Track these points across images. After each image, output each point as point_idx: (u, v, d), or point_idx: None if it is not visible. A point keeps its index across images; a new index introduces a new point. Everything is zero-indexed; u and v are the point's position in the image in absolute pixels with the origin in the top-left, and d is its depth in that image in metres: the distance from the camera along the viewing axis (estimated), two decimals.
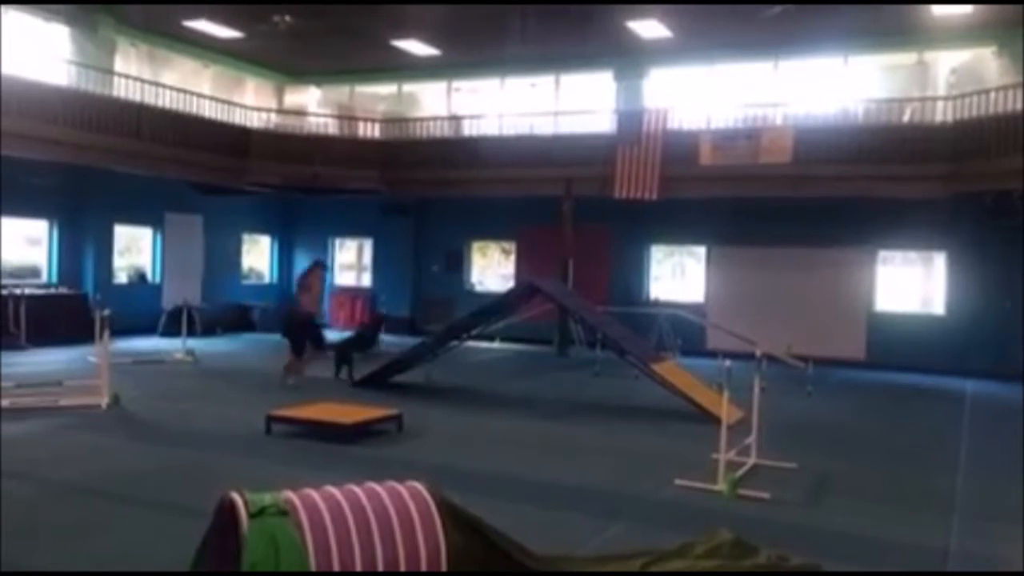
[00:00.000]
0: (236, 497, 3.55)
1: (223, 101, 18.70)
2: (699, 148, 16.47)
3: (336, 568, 3.45)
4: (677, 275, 20.56)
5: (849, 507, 6.54)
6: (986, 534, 5.87)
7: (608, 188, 16.89)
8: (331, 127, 20.23)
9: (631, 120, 17.21)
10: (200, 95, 18.15)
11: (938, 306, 17.02)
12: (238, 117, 18.90)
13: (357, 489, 3.81)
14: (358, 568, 3.49)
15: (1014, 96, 14.16)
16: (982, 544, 5.61)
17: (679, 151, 16.52)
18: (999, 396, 13.39)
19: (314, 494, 3.71)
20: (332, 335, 16.98)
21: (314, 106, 21.57)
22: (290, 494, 3.66)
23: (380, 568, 3.55)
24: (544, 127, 18.69)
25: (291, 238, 22.56)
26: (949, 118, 15.17)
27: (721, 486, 6.64)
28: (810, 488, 7.00)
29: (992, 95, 14.54)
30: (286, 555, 3.37)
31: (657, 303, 18.12)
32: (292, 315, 12.17)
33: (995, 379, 14.75)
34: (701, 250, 18.93)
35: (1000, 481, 7.55)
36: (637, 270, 19.15)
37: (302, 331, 11.78)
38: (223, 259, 20.43)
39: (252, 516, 3.45)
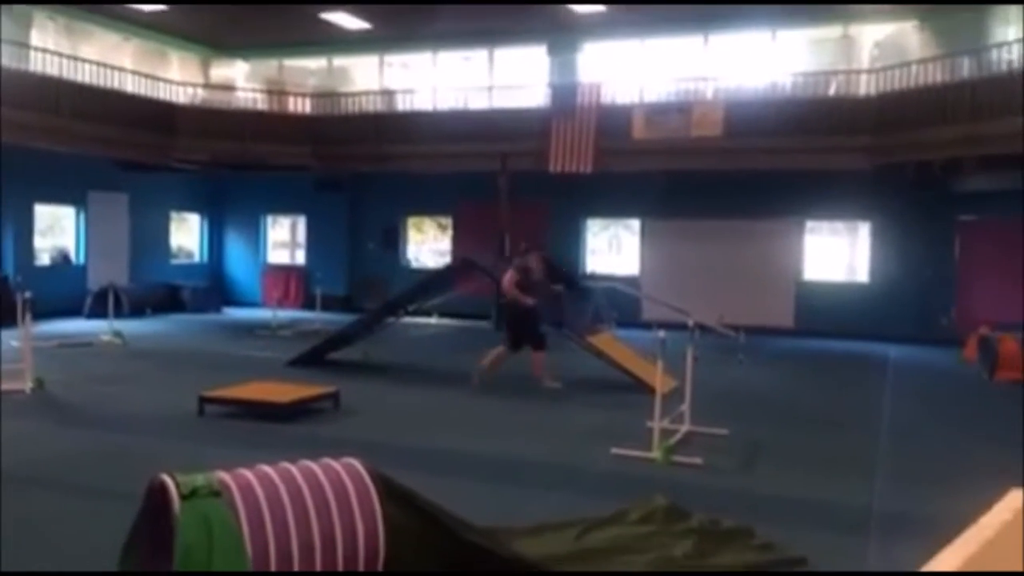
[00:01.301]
0: (167, 479, 3.48)
1: (146, 76, 18.13)
2: (632, 122, 16.59)
3: (272, 547, 3.42)
4: (613, 248, 20.77)
5: (778, 471, 6.74)
6: (905, 494, 6.11)
7: (543, 162, 16.92)
8: (260, 102, 19.81)
9: (565, 94, 17.23)
10: (122, 69, 17.56)
11: (863, 274, 17.56)
12: (162, 92, 18.37)
13: (292, 467, 3.77)
14: (294, 546, 3.47)
15: (934, 69, 14.59)
16: (901, 503, 5.84)
17: (613, 125, 16.61)
18: (920, 360, 13.91)
19: (248, 474, 3.66)
20: (267, 314, 16.75)
21: (242, 81, 21.05)
22: (223, 474, 3.61)
23: (317, 545, 3.53)
24: (478, 102, 18.60)
25: (221, 216, 22.07)
26: (873, 91, 15.57)
27: (656, 454, 6.76)
28: (741, 453, 7.18)
29: (913, 68, 14.96)
30: (220, 536, 3.32)
31: (593, 276, 18.28)
32: (514, 305, 10.42)
33: (916, 344, 15.31)
34: (636, 223, 19.14)
35: (919, 443, 7.87)
36: (573, 244, 19.27)
37: (524, 325, 10.37)
38: (150, 238, 19.91)
39: (184, 498, 3.38)
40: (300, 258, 21.83)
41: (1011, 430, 8.52)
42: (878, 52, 16.69)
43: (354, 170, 19.60)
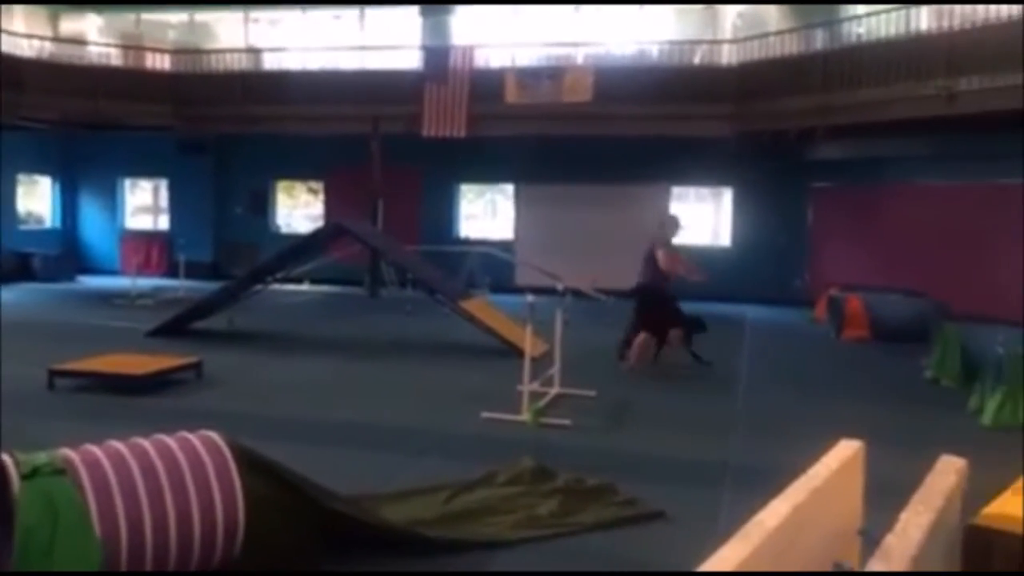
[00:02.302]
0: (6, 459, 3.30)
1: None
2: (505, 86, 16.61)
3: (123, 523, 3.30)
4: (489, 213, 20.85)
5: (642, 430, 6.99)
6: (757, 448, 6.44)
7: (416, 125, 16.74)
8: (115, 58, 18.71)
9: (438, 56, 17.04)
10: None
11: (725, 238, 18.29)
12: (5, 45, 17.07)
13: (144, 442, 3.64)
14: (147, 521, 3.35)
15: (791, 40, 15.23)
16: (755, 457, 6.15)
17: (486, 89, 16.58)
18: (775, 321, 14.66)
19: (95, 450, 3.51)
20: (126, 282, 15.98)
21: (95, 35, 19.82)
22: (68, 452, 3.45)
23: (172, 519, 3.43)
24: (350, 63, 18.17)
25: (75, 180, 20.83)
26: (735, 60, 16.12)
27: (525, 416, 6.88)
28: (608, 414, 7.40)
29: (771, 39, 15.56)
30: (65, 515, 3.18)
31: (467, 241, 18.31)
32: (659, 289, 9.54)
33: (772, 305, 16.12)
34: (510, 188, 19.24)
35: (771, 399, 8.32)
36: (448, 209, 19.22)
37: (667, 306, 9.52)
38: None
39: (25, 477, 3.22)
40: (163, 223, 20.91)
41: (852, 385, 9.15)
42: (740, 22, 17.28)
43: (219, 132, 18.85)
